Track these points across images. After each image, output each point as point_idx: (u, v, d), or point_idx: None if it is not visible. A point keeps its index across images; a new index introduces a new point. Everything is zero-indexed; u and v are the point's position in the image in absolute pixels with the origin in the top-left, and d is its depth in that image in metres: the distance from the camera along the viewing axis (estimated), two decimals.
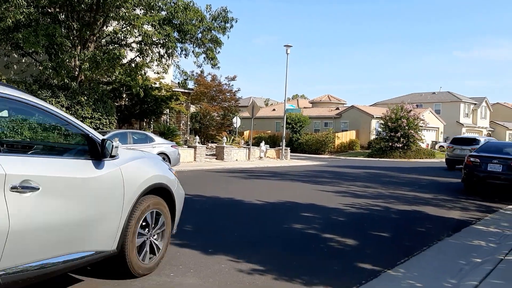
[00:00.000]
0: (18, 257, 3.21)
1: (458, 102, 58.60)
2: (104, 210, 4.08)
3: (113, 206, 4.17)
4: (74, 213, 3.73)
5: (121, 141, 14.68)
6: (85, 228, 3.87)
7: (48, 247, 3.51)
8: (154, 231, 4.76)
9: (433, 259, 5.98)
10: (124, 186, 4.26)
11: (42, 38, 13.87)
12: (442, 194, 12.75)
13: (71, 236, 3.74)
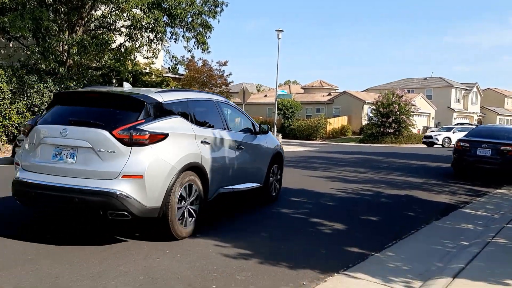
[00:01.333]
0: (222, 183, 6.43)
1: (449, 87, 58.76)
2: (260, 161, 7.69)
3: (264, 159, 7.80)
4: (250, 160, 7.25)
5: None
6: (253, 170, 7.44)
7: (238, 178, 6.90)
8: (275, 176, 8.32)
9: (421, 242, 6.00)
10: (264, 149, 7.88)
11: (29, 22, 13.60)
12: (432, 179, 12.81)
13: (247, 174, 7.20)
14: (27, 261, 4.51)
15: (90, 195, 4.91)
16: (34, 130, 5.44)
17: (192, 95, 6.52)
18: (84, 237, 5.53)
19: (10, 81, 14.83)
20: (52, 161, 5.17)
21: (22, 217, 6.40)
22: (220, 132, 6.52)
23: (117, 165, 4.96)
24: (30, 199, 5.30)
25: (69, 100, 5.85)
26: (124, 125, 5.09)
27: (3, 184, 7.83)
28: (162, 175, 5.16)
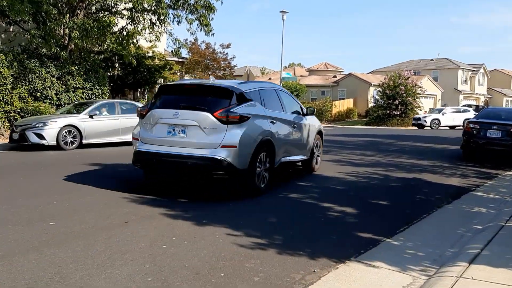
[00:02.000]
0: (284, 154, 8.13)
1: (456, 69, 58.01)
2: (307, 137, 9.32)
3: (310, 136, 9.43)
4: (301, 137, 8.94)
5: (109, 111, 14.35)
6: (304, 145, 9.14)
7: (294, 151, 8.62)
8: (318, 152, 10.13)
9: (433, 226, 5.85)
10: (311, 127, 9.53)
11: (28, 6, 13.33)
12: (441, 161, 12.60)
13: (300, 148, 8.91)
14: (30, 250, 4.39)
15: (200, 160, 6.78)
16: (150, 114, 7.23)
17: (261, 85, 8.48)
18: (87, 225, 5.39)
19: (11, 66, 14.64)
20: (167, 136, 7.01)
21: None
22: (281, 113, 8.32)
23: (218, 138, 6.75)
24: (151, 164, 7.30)
25: (172, 91, 7.79)
26: (221, 108, 6.85)
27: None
28: (248, 146, 6.99)
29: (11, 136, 13.16)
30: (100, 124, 13.83)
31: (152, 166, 7.40)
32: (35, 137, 12.68)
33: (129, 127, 14.48)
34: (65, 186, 7.75)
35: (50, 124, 12.81)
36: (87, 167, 9.74)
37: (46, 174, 9.10)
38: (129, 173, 9.12)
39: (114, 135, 14.19)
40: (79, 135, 13.26)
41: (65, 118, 13.30)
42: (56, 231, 5.00)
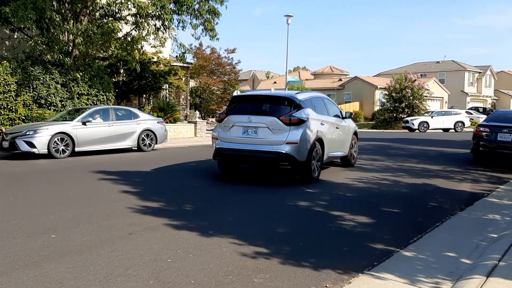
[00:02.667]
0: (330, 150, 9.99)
1: (462, 71, 57.62)
2: (346, 137, 11.13)
3: (348, 136, 11.24)
4: (341, 136, 10.75)
5: (104, 118, 14.11)
6: (344, 143, 11.00)
7: (336, 148, 10.50)
8: (354, 149, 11.84)
9: (447, 235, 5.63)
10: (348, 128, 11.39)
11: (31, 12, 13.25)
12: (451, 166, 12.37)
13: (341, 145, 10.78)
14: (30, 265, 4.23)
15: (269, 154, 8.68)
16: (227, 119, 9.17)
17: (311, 94, 10.25)
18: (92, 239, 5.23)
19: (15, 73, 14.57)
20: (242, 135, 8.93)
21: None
22: (327, 117, 10.16)
23: (283, 136, 8.65)
24: (230, 158, 9.31)
25: (244, 100, 9.63)
26: (284, 113, 8.79)
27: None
28: (306, 142, 8.84)
29: (1, 144, 12.84)
30: (94, 131, 13.59)
31: (230, 159, 9.45)
32: (26, 145, 12.32)
33: (124, 134, 14.39)
34: (65, 196, 7.60)
35: (41, 131, 12.47)
36: (84, 176, 9.60)
37: (44, 183, 8.96)
38: (130, 182, 8.96)
39: (108, 142, 13.98)
40: (71, 142, 12.96)
41: (56, 125, 12.95)
42: (58, 244, 4.84)
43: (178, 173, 10.52)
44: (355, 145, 12.03)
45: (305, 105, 9.20)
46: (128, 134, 14.50)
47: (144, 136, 14.97)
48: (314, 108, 9.49)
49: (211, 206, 7.02)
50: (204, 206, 7.00)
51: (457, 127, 33.79)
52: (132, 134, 14.61)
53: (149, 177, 9.88)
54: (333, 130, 10.30)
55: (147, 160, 12.58)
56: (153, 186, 8.74)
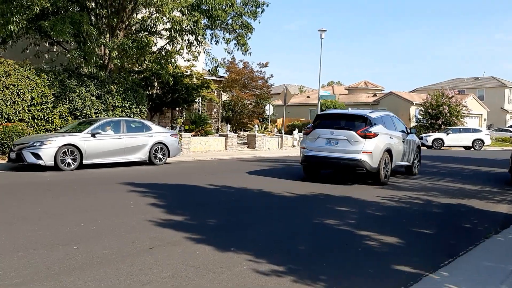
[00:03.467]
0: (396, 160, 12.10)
1: (502, 87, 55.86)
2: (410, 149, 13.25)
3: (412, 149, 13.35)
4: (406, 148, 12.81)
5: (114, 130, 13.67)
6: (408, 155, 13.10)
7: (402, 158, 12.64)
8: (417, 160, 14.09)
9: (480, 260, 5.33)
10: (412, 142, 13.48)
11: (69, 26, 13.67)
12: (488, 186, 11.86)
13: (406, 156, 12.89)
14: (50, 277, 4.23)
15: (348, 160, 10.92)
16: (314, 132, 11.51)
17: (382, 113, 12.59)
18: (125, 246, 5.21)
19: (52, 85, 15.01)
20: (325, 146, 11.24)
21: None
22: (395, 132, 12.23)
23: (359, 147, 10.79)
24: (315, 164, 11.73)
25: (326, 117, 12.02)
26: (361, 129, 10.99)
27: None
28: (378, 152, 10.93)
29: (9, 155, 12.60)
30: (103, 143, 13.19)
31: (316, 165, 11.84)
32: (32, 156, 12.04)
33: (135, 147, 13.98)
34: (90, 208, 7.66)
35: (48, 143, 12.16)
36: (107, 188, 9.69)
37: (69, 195, 9.08)
38: (149, 194, 8.98)
39: (118, 155, 13.58)
40: (79, 155, 12.62)
41: (64, 137, 12.64)
42: (79, 257, 4.84)
43: (195, 188, 10.45)
44: (418, 156, 14.16)
45: (377, 122, 11.39)
46: (139, 147, 14.15)
47: (156, 149, 14.54)
48: (384, 125, 11.68)
49: (235, 221, 6.92)
50: (227, 221, 6.91)
51: (475, 145, 32.09)
52: (143, 147, 14.20)
53: (170, 190, 9.88)
54: (399, 143, 12.36)
55: (159, 174, 12.36)
56: (175, 199, 8.72)
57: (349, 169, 11.45)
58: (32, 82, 14.64)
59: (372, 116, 11.42)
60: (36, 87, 14.69)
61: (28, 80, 14.57)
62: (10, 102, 14.22)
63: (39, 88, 14.74)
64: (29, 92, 14.57)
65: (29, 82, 14.59)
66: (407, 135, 13.10)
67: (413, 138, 13.80)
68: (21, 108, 14.46)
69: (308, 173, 12.12)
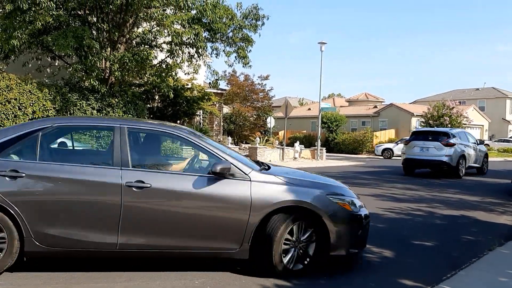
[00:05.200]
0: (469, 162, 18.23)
1: (503, 98, 55.92)
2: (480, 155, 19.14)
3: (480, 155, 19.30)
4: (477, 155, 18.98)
5: None
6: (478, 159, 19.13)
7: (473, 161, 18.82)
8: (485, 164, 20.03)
9: (484, 273, 5.27)
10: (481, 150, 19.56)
11: (71, 40, 13.75)
12: (490, 197, 11.79)
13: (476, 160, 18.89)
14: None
15: (436, 161, 16.79)
16: (411, 142, 17.65)
17: (458, 130, 18.62)
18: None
19: (54, 99, 15.05)
20: (419, 152, 17.25)
21: None
22: (468, 143, 17.76)
23: (443, 152, 16.63)
24: (413, 164, 17.69)
25: (419, 133, 18.60)
26: (444, 140, 16.83)
27: None
28: (456, 156, 16.65)
29: None
30: None
31: (413, 165, 17.66)
32: None
33: None
34: None
35: None
36: None
37: None
38: None
39: None
40: None
41: None
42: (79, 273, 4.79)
43: None
44: (485, 160, 19.45)
45: (455, 135, 17.25)
46: None
47: None
48: (460, 138, 17.39)
49: None
50: None
51: None
52: None
53: None
54: (471, 150, 17.75)
55: None
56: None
57: (436, 167, 17.03)
58: (34, 96, 14.68)
59: (451, 132, 17.56)
60: (37, 101, 14.72)
61: (30, 94, 14.60)
62: (12, 116, 14.24)
63: (40, 102, 14.77)
64: (31, 106, 14.60)
65: (31, 96, 14.62)
66: (477, 145, 18.61)
67: (482, 147, 19.25)
68: (22, 122, 14.49)
69: (406, 170, 17.94)
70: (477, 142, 18.86)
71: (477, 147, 18.48)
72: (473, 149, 18.01)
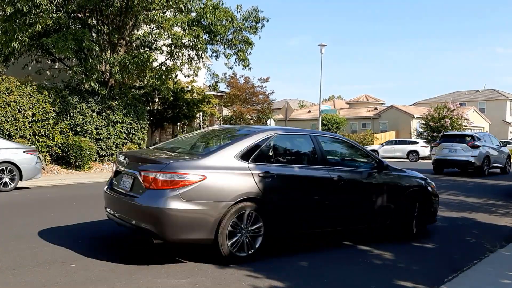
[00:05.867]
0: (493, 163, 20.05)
1: (504, 100, 55.88)
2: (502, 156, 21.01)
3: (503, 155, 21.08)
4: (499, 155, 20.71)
5: None
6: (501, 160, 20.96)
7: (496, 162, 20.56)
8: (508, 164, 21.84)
9: (485, 275, 5.23)
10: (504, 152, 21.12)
11: (72, 43, 13.76)
12: (491, 199, 11.75)
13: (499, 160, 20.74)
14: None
15: (463, 161, 18.61)
16: (441, 145, 19.29)
17: (484, 133, 20.65)
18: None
19: (54, 101, 15.05)
20: (448, 153, 18.90)
21: None
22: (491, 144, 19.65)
23: (469, 153, 18.32)
24: (442, 164, 19.32)
25: (448, 136, 20.18)
26: (470, 142, 18.64)
27: None
28: (481, 157, 18.49)
29: None
30: None
31: (442, 164, 19.18)
32: None
33: None
34: (89, 224, 7.59)
35: None
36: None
37: (67, 210, 9.00)
38: None
39: None
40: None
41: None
42: (75, 274, 4.76)
43: None
44: (508, 161, 20.79)
45: (480, 138, 18.78)
46: None
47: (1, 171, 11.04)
48: (484, 140, 18.91)
49: None
50: None
51: (410, 157, 32.40)
52: None
53: None
54: (494, 152, 19.30)
55: None
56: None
57: (463, 166, 18.83)
58: (34, 98, 14.68)
59: (477, 135, 19.25)
60: (37, 103, 14.73)
61: (29, 97, 14.61)
62: (12, 119, 14.24)
63: (40, 104, 14.77)
64: (31, 108, 14.60)
65: (31, 99, 14.63)
66: (500, 147, 20.35)
67: (505, 149, 21.00)
68: (22, 125, 14.47)
69: (436, 170, 19.49)
70: (500, 144, 20.67)
71: (500, 149, 20.28)
72: (496, 150, 19.73)
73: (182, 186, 4.85)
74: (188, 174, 4.89)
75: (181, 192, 4.83)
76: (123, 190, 5.39)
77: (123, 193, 5.39)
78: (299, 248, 6.19)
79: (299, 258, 5.65)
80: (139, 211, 4.98)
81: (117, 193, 5.53)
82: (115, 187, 5.67)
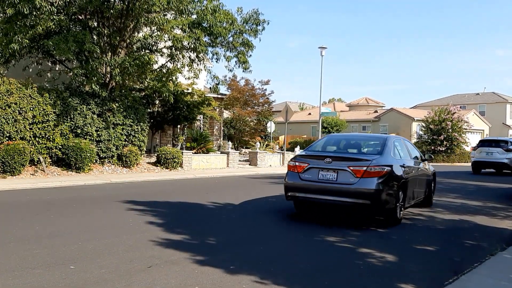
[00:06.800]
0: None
1: (504, 102, 55.89)
2: None
3: None
4: None
5: None
6: None
7: None
8: None
9: (486, 278, 5.22)
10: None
11: (73, 45, 13.73)
12: (492, 201, 11.73)
13: None
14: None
15: (499, 163, 21.76)
16: (478, 148, 22.88)
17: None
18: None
19: (54, 103, 15.03)
20: (485, 156, 22.34)
21: None
22: None
23: (504, 156, 21.82)
24: (480, 165, 22.78)
25: (484, 141, 23.56)
26: (505, 146, 21.84)
27: None
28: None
29: None
30: None
31: (480, 166, 22.65)
32: None
33: None
34: (89, 226, 7.57)
35: None
36: (106, 205, 9.59)
37: (67, 212, 8.99)
38: (148, 212, 8.88)
39: None
40: None
41: None
42: (75, 276, 4.74)
43: (194, 206, 10.35)
44: None
45: None
46: None
47: None
48: None
49: (235, 239, 6.82)
50: (227, 239, 6.80)
51: None
52: None
53: (169, 208, 9.78)
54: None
55: (159, 192, 12.29)
56: (174, 218, 8.62)
57: (499, 167, 21.64)
58: (34, 100, 14.66)
59: (510, 140, 22.02)
60: (38, 105, 14.71)
61: (30, 99, 14.59)
62: (12, 120, 14.22)
63: (40, 106, 14.75)
64: (31, 110, 14.59)
65: (31, 100, 14.61)
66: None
67: None
68: (22, 127, 14.45)
69: (475, 170, 22.41)
70: None
71: None
72: None
73: (384, 174, 7.59)
74: (387, 166, 7.73)
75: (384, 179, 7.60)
76: (329, 181, 7.72)
77: (329, 182, 7.71)
78: (300, 252, 6.18)
79: (301, 262, 5.64)
80: (358, 192, 7.49)
81: (321, 182, 7.80)
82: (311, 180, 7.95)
